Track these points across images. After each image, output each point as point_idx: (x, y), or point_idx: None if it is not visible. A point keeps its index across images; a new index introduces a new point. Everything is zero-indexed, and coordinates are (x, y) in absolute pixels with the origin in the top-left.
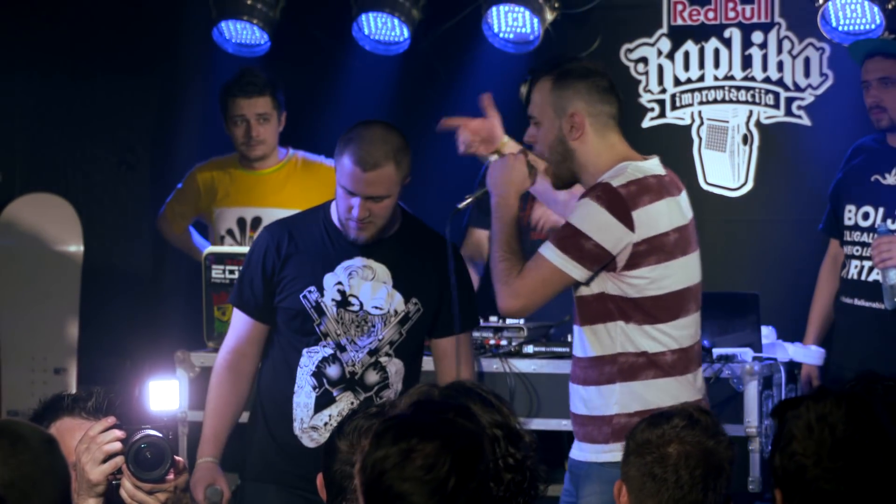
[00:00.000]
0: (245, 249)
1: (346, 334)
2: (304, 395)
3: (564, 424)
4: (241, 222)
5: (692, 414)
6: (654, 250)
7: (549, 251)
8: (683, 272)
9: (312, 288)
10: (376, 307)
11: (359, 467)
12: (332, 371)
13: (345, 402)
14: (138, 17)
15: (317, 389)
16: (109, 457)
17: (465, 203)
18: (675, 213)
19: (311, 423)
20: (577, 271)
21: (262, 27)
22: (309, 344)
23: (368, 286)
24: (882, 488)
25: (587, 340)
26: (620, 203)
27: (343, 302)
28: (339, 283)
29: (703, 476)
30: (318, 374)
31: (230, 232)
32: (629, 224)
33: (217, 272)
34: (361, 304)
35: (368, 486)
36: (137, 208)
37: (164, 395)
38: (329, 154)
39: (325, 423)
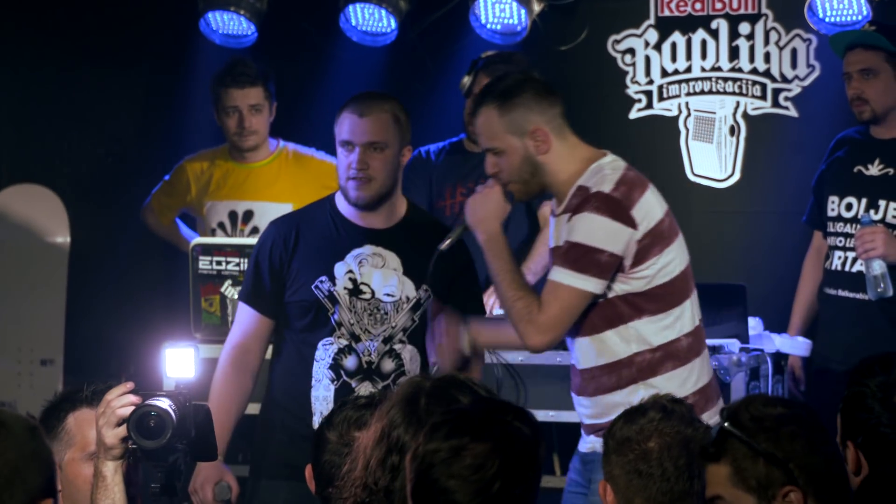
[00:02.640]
0: (233, 240)
1: (359, 323)
2: (322, 388)
3: (552, 415)
4: (232, 215)
5: (665, 405)
6: (655, 240)
7: (565, 276)
8: (681, 252)
9: (324, 278)
10: (388, 294)
11: (410, 456)
12: (350, 362)
13: (363, 393)
14: (125, 8)
15: (335, 382)
16: (123, 421)
17: (446, 244)
18: (659, 197)
19: None
20: (598, 286)
21: (250, 18)
22: (323, 336)
23: (379, 273)
24: None
25: (594, 349)
26: (619, 207)
27: (355, 290)
28: (350, 271)
29: (686, 465)
30: (336, 366)
31: (221, 225)
32: (632, 224)
33: (204, 263)
34: (373, 292)
35: (417, 476)
36: (124, 200)
37: (180, 362)
38: (318, 146)
39: None
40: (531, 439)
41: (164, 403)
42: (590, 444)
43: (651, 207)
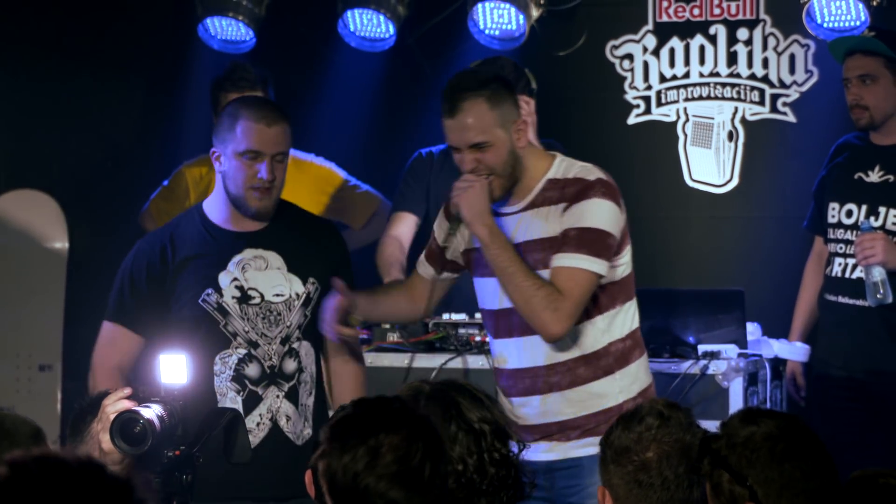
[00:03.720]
0: None
1: (254, 329)
2: (229, 402)
3: None
4: None
5: (662, 411)
6: (626, 231)
7: (583, 261)
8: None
9: (210, 290)
10: (277, 294)
11: (325, 472)
12: (252, 370)
13: (271, 398)
14: (124, 14)
15: (241, 393)
16: None
17: (448, 239)
18: None
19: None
20: (606, 271)
21: (248, 24)
22: (220, 349)
23: (264, 276)
24: None
25: (570, 341)
26: (618, 194)
27: (244, 297)
28: (235, 279)
29: (686, 472)
30: (238, 377)
31: None
32: (624, 211)
33: None
34: (262, 295)
35: (343, 492)
36: (123, 205)
37: (173, 368)
38: (317, 151)
39: (258, 424)
40: (428, 417)
41: (151, 411)
42: (579, 446)
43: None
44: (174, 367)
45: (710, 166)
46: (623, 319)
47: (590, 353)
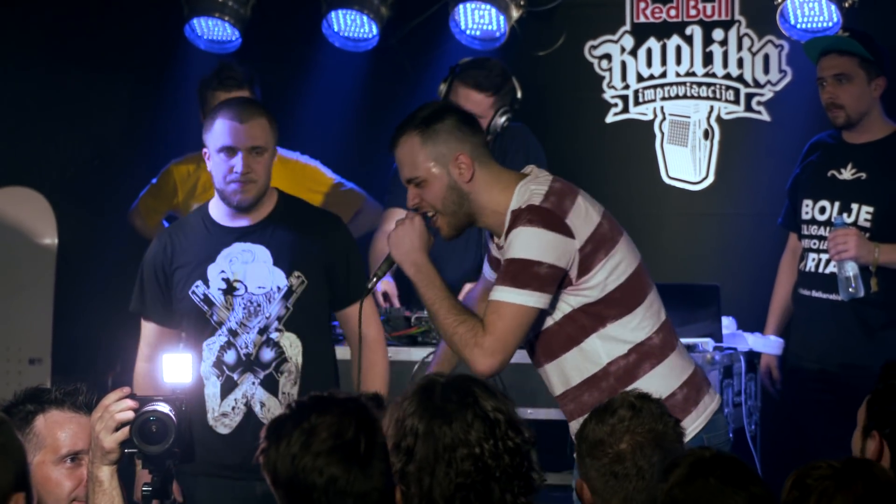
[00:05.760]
0: None
1: (235, 319)
2: (210, 385)
3: (530, 413)
4: None
5: (634, 403)
6: (598, 245)
7: (506, 294)
8: (629, 252)
9: (199, 282)
10: (259, 287)
11: (266, 465)
12: (229, 357)
13: (247, 384)
14: (112, 14)
15: (220, 378)
16: (122, 425)
17: (373, 282)
18: (592, 201)
19: (221, 410)
20: (541, 301)
21: (234, 24)
22: (206, 337)
23: (250, 268)
24: None
25: (566, 371)
26: (553, 217)
27: (229, 289)
28: (223, 271)
29: (660, 461)
30: (218, 362)
31: None
32: (569, 233)
33: None
34: (246, 287)
35: (285, 481)
36: (112, 202)
37: (177, 368)
38: (302, 150)
39: (233, 408)
40: (361, 400)
41: (164, 408)
42: None
43: (585, 213)
44: (178, 367)
45: (687, 164)
46: (619, 334)
47: (588, 377)
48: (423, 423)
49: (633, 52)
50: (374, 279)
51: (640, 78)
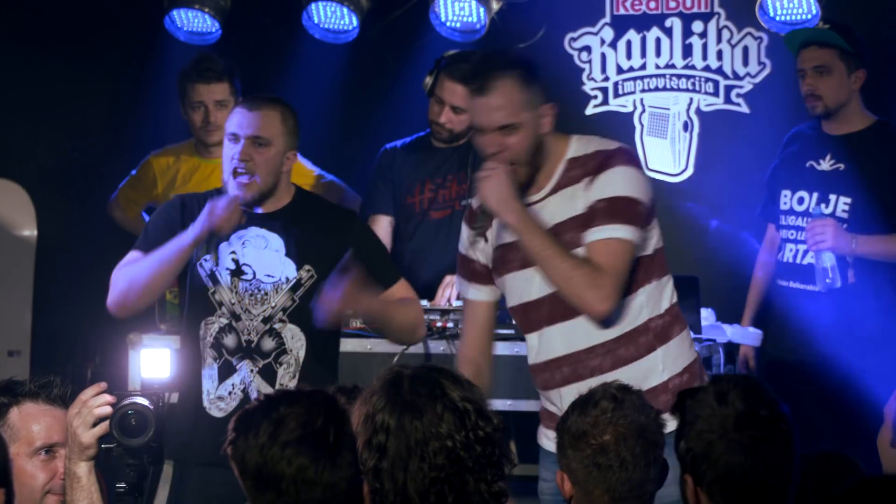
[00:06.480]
0: None
1: (240, 303)
2: (207, 366)
3: (510, 405)
4: None
5: (615, 395)
6: (653, 202)
7: (616, 231)
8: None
9: (208, 257)
10: (268, 275)
11: (234, 455)
12: (229, 340)
13: (245, 371)
14: (91, 5)
15: (217, 360)
16: (100, 420)
17: (480, 229)
18: None
19: (217, 393)
20: (640, 239)
21: (214, 15)
22: (206, 315)
23: (261, 255)
24: (779, 458)
25: (607, 321)
26: (640, 161)
27: (237, 271)
28: (234, 252)
29: (643, 452)
30: (217, 344)
31: None
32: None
33: None
34: (254, 273)
35: (253, 471)
36: (91, 193)
37: (155, 363)
38: None
39: (230, 392)
40: (329, 392)
41: (143, 401)
42: None
43: None
44: (156, 362)
45: (666, 156)
46: (660, 294)
47: (629, 330)
48: (394, 418)
49: (613, 45)
50: (478, 235)
51: (619, 70)
